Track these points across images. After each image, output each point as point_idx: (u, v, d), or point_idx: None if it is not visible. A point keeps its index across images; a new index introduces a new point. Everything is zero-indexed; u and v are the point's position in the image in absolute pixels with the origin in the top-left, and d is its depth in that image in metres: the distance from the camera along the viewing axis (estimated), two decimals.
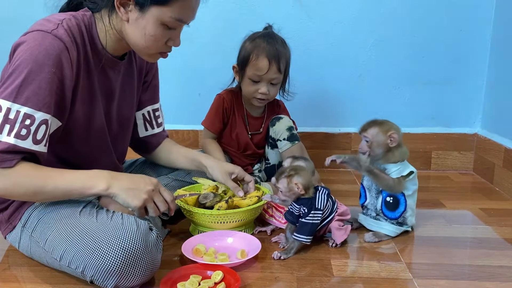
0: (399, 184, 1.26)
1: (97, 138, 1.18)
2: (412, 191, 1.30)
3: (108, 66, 1.15)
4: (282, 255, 1.18)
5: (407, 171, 1.26)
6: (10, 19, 1.98)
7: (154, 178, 1.10)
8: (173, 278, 1.02)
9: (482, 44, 1.94)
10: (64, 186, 1.01)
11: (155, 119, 1.41)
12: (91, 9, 1.12)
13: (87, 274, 0.97)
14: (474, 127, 2.03)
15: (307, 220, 1.20)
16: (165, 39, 1.10)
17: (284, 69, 1.59)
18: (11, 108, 0.96)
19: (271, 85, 1.60)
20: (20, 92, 0.96)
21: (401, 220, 1.30)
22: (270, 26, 1.66)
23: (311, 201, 1.21)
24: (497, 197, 1.71)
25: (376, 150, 1.26)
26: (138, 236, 0.97)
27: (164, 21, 1.06)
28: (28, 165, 0.99)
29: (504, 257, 1.20)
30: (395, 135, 1.24)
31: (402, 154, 1.27)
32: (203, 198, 1.32)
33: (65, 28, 1.02)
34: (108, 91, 1.18)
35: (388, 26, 1.95)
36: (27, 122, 0.96)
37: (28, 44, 0.98)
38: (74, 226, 1.01)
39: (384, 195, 1.29)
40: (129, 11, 1.06)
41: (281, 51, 1.57)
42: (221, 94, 1.69)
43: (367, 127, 1.26)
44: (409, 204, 1.29)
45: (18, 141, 0.96)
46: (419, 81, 2.00)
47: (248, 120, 1.70)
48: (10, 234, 1.14)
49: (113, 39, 1.12)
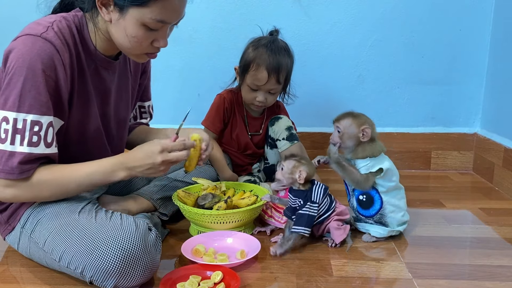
0: (366, 181, 1.22)
1: (94, 139, 1.18)
2: (387, 188, 1.24)
3: (101, 67, 1.15)
4: (278, 249, 1.19)
5: (377, 167, 1.22)
6: (2, 20, 1.97)
7: (156, 145, 1.07)
8: (173, 279, 1.02)
9: (481, 44, 1.94)
10: (86, 183, 1.06)
11: (140, 114, 1.44)
12: (82, 9, 1.10)
13: (86, 274, 0.97)
14: (474, 127, 2.03)
15: (303, 211, 1.21)
16: (149, 40, 1.07)
17: (284, 79, 1.59)
18: (17, 118, 0.96)
19: (269, 94, 1.59)
20: (21, 101, 0.97)
21: (378, 218, 1.26)
22: (276, 31, 1.63)
23: (306, 193, 1.23)
24: (496, 197, 1.71)
25: (347, 142, 1.23)
26: (137, 236, 0.97)
27: (145, 22, 1.03)
28: (46, 169, 1.02)
29: (504, 256, 1.20)
30: (368, 130, 1.21)
31: (373, 149, 1.23)
32: (202, 200, 1.32)
33: (55, 31, 1.01)
34: (103, 92, 1.17)
35: (388, 26, 1.95)
36: (35, 128, 0.98)
37: (20, 51, 0.97)
38: (73, 227, 1.01)
39: (357, 193, 1.27)
40: (110, 12, 1.04)
41: (282, 63, 1.55)
42: (221, 94, 1.69)
43: (341, 118, 1.25)
44: (388, 200, 1.24)
45: (32, 149, 0.98)
46: (419, 81, 2.00)
47: (248, 121, 1.70)
48: (9, 235, 1.14)
49: (102, 39, 1.11)
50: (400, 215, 1.28)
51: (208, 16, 1.96)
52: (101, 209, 1.08)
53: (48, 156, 1.01)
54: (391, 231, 1.27)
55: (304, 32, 1.97)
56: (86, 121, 1.13)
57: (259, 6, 1.96)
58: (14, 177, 0.98)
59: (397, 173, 1.28)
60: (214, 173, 1.60)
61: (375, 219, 1.26)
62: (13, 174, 0.97)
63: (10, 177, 0.98)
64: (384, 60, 1.98)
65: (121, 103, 1.26)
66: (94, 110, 1.15)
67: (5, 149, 0.97)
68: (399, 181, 1.29)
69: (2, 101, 0.98)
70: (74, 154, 1.12)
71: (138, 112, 1.44)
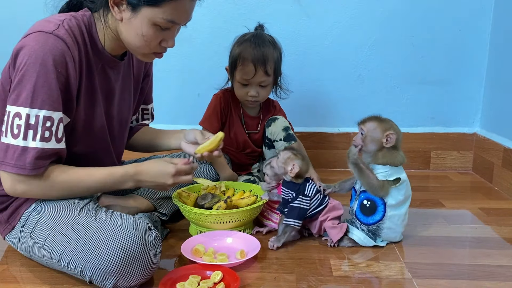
0: (382, 187, 1.20)
1: (98, 138, 1.18)
2: (396, 201, 1.21)
3: (108, 66, 1.16)
4: (275, 243, 1.22)
5: (395, 176, 1.20)
6: (10, 20, 1.98)
7: (170, 167, 1.13)
8: (173, 279, 1.02)
9: (481, 44, 1.95)
10: (95, 187, 1.10)
11: (142, 116, 1.46)
12: (91, 9, 1.12)
13: (86, 274, 0.97)
14: (473, 127, 2.03)
15: (295, 204, 1.23)
16: (159, 39, 1.10)
17: (273, 70, 1.59)
18: (30, 114, 0.98)
19: (260, 87, 1.60)
20: (34, 97, 0.98)
21: (374, 228, 1.23)
22: (261, 26, 1.66)
23: (299, 187, 1.24)
24: (496, 197, 1.71)
25: (369, 145, 1.22)
26: (137, 236, 0.97)
27: (156, 22, 1.06)
28: (60, 170, 1.05)
29: (503, 256, 1.20)
30: (392, 136, 1.19)
31: (393, 157, 1.21)
32: (201, 199, 1.32)
33: (66, 29, 1.03)
34: (107, 91, 1.18)
35: (387, 26, 1.95)
36: (48, 124, 0.99)
37: (32, 47, 0.98)
38: (73, 226, 1.01)
39: (362, 197, 1.24)
40: (122, 11, 1.07)
41: (267, 54, 1.56)
42: (217, 93, 1.70)
43: (367, 120, 1.23)
44: (391, 216, 1.21)
45: (44, 144, 1.00)
46: (418, 81, 2.00)
47: (245, 119, 1.70)
48: (9, 234, 1.14)
49: (110, 38, 1.13)
50: (393, 236, 1.25)
51: (208, 16, 1.96)
52: (101, 209, 1.08)
53: (58, 153, 1.03)
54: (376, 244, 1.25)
55: (304, 32, 1.97)
56: (92, 119, 1.14)
57: (258, 6, 1.96)
58: (26, 173, 0.99)
59: (409, 193, 1.25)
60: (214, 173, 1.60)
61: (370, 228, 1.23)
62: (25, 170, 0.99)
63: (22, 172, 0.99)
64: (383, 60, 1.98)
65: (124, 104, 1.27)
66: (100, 108, 1.16)
67: (17, 144, 0.98)
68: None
69: (14, 97, 0.99)
70: (80, 152, 1.14)
71: (140, 114, 1.45)
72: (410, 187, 1.25)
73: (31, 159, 0.98)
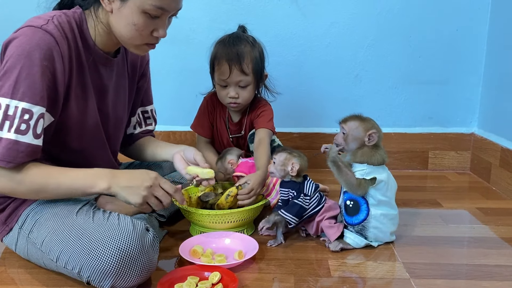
0: (359, 186, 1.18)
1: (92, 135, 1.18)
2: (376, 201, 1.20)
3: (99, 63, 1.16)
4: (274, 243, 1.24)
5: (371, 175, 1.19)
6: (2, 20, 1.96)
7: (154, 172, 1.08)
8: (171, 279, 1.02)
9: (478, 44, 1.95)
10: (66, 184, 1.03)
11: (144, 120, 1.44)
12: (82, 6, 1.12)
13: (84, 275, 0.97)
14: (471, 127, 2.03)
15: (297, 201, 1.23)
16: (150, 28, 1.09)
17: (252, 69, 1.53)
18: (9, 105, 0.96)
19: (240, 88, 1.54)
20: (16, 88, 0.97)
21: (360, 228, 1.22)
22: (241, 26, 1.62)
23: (299, 185, 1.25)
24: (494, 197, 1.71)
25: (350, 144, 1.21)
26: (135, 236, 0.97)
27: (145, 9, 1.05)
28: (32, 164, 1.00)
29: (501, 256, 1.20)
30: (374, 135, 1.19)
31: (372, 156, 1.19)
32: (205, 196, 1.33)
33: (55, 24, 1.03)
34: (100, 88, 1.18)
35: (385, 26, 1.95)
36: (25, 117, 0.97)
37: (20, 40, 0.99)
38: (71, 227, 1.01)
39: (345, 197, 1.23)
40: (112, 2, 1.06)
41: (243, 52, 1.51)
42: (206, 97, 1.69)
43: (348, 119, 1.23)
44: (375, 215, 1.20)
45: (18, 136, 0.97)
46: (416, 81, 2.00)
47: (229, 123, 1.67)
48: (7, 236, 1.14)
49: (101, 34, 1.13)
50: (382, 236, 1.24)
51: (205, 16, 1.96)
52: (99, 210, 1.08)
53: (34, 150, 0.99)
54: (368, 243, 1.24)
55: (301, 33, 1.97)
56: (85, 115, 1.14)
57: (256, 7, 1.96)
58: None
59: (393, 191, 1.24)
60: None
61: (356, 228, 1.22)
62: None
63: None
64: (381, 60, 1.99)
65: (119, 102, 1.27)
66: (93, 104, 1.15)
67: None
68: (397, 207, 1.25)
69: None
70: (77, 149, 1.13)
71: (142, 118, 1.44)
72: (393, 189, 1.24)
73: (1, 150, 0.95)
